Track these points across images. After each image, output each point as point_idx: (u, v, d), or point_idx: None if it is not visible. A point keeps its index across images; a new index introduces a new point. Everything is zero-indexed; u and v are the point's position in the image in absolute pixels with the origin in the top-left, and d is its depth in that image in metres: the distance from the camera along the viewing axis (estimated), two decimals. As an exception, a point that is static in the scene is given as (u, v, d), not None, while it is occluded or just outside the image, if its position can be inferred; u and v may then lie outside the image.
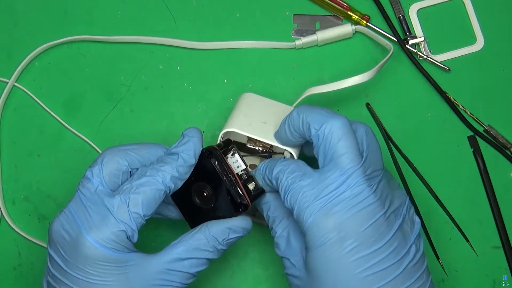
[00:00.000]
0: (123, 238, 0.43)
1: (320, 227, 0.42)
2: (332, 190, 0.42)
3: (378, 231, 0.42)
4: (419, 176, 0.57)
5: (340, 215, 0.42)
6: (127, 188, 0.44)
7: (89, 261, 0.43)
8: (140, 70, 0.60)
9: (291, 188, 0.43)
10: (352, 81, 0.53)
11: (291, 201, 0.43)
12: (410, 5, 0.60)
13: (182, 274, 0.45)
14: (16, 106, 0.60)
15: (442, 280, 0.56)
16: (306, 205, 0.42)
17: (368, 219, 0.42)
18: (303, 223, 0.42)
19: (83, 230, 0.43)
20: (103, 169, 0.45)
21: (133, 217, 0.43)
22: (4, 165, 0.59)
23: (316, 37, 0.58)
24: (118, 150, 0.46)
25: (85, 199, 0.44)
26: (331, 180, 0.42)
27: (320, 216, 0.42)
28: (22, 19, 0.61)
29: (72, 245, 0.43)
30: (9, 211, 0.58)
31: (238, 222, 0.47)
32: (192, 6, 0.61)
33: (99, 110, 0.59)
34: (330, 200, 0.42)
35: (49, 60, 0.60)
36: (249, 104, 0.53)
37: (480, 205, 0.57)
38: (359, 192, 0.42)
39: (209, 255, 0.46)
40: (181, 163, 0.45)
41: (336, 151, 0.43)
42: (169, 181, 0.44)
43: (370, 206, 0.42)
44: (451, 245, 0.56)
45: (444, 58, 0.59)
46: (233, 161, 0.48)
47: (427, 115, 0.58)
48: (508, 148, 0.58)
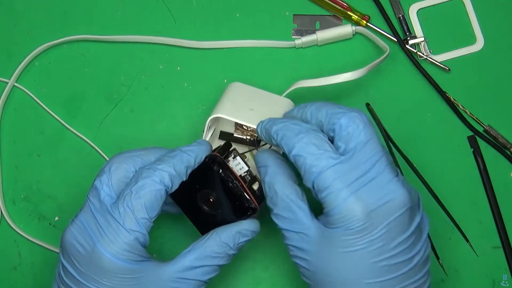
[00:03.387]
0: (137, 246, 0.44)
1: (350, 212, 0.41)
2: (360, 175, 0.41)
3: (402, 224, 0.42)
4: (419, 176, 0.57)
5: (372, 203, 0.41)
6: (128, 194, 0.44)
7: (105, 273, 0.43)
8: (140, 70, 0.60)
9: (315, 171, 0.42)
10: (343, 78, 0.52)
11: (319, 185, 0.42)
12: (410, 5, 0.60)
13: (194, 282, 0.45)
14: (16, 106, 0.60)
15: (442, 280, 0.56)
16: (336, 187, 0.41)
17: (396, 211, 0.41)
18: (330, 205, 0.41)
19: (97, 244, 0.43)
20: (112, 178, 0.45)
21: (141, 223, 0.44)
22: (4, 165, 0.59)
23: (316, 37, 0.58)
24: (125, 157, 0.46)
25: (95, 210, 0.44)
26: (360, 164, 0.42)
27: (352, 202, 0.41)
28: (22, 19, 0.61)
29: (87, 257, 0.44)
30: (9, 211, 0.58)
31: (247, 226, 0.47)
32: (192, 6, 0.61)
33: (99, 110, 0.59)
34: (362, 186, 0.41)
35: (49, 60, 0.60)
36: (237, 92, 0.53)
37: (480, 205, 0.57)
38: (388, 180, 0.42)
39: (221, 261, 0.46)
40: (178, 160, 0.45)
41: (360, 138, 0.42)
42: (167, 180, 0.44)
43: (399, 197, 0.42)
44: (451, 245, 0.56)
45: (444, 58, 0.59)
46: (235, 164, 0.48)
47: (427, 115, 0.58)
48: (508, 148, 0.58)
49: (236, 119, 0.50)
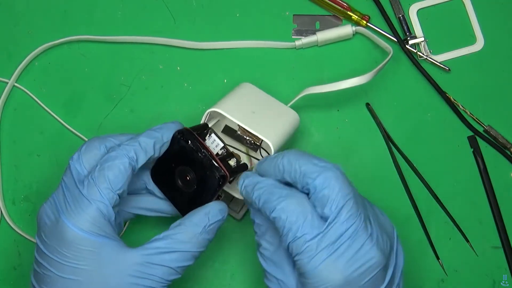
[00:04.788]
0: (100, 219, 0.44)
1: (325, 278, 0.41)
2: (336, 240, 0.42)
3: (375, 281, 0.42)
4: (419, 176, 0.57)
5: (347, 268, 0.41)
6: (93, 168, 0.45)
7: (68, 244, 0.43)
8: (140, 70, 0.60)
9: (290, 236, 0.42)
10: (350, 83, 0.53)
11: (293, 249, 0.42)
12: (410, 5, 0.60)
13: (163, 268, 0.44)
14: (16, 106, 0.60)
15: (442, 280, 0.56)
16: (311, 253, 0.42)
17: (371, 272, 0.42)
18: (304, 268, 0.42)
19: (62, 215, 0.44)
20: (82, 156, 0.46)
21: (103, 194, 0.44)
22: (4, 165, 0.59)
23: (316, 38, 0.58)
24: (97, 138, 0.48)
25: (65, 187, 0.45)
26: (336, 231, 0.42)
27: (327, 267, 0.41)
28: (22, 19, 0.61)
29: (52, 228, 0.44)
30: (9, 211, 0.58)
31: (214, 206, 0.47)
32: (192, 6, 0.61)
33: (99, 110, 0.59)
34: (336, 251, 0.42)
35: (49, 60, 0.60)
36: (245, 92, 0.53)
37: (480, 205, 0.57)
38: (362, 242, 0.42)
39: (193, 247, 0.45)
40: (145, 136, 0.46)
41: (336, 202, 0.42)
42: (132, 153, 0.45)
43: (373, 259, 0.42)
44: (451, 245, 0.56)
45: (444, 58, 0.59)
46: (211, 142, 0.49)
47: (427, 115, 0.58)
48: (508, 148, 0.58)
49: (232, 117, 0.49)
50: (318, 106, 0.58)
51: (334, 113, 0.59)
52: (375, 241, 0.42)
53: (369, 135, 0.58)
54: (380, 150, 0.58)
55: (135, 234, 0.56)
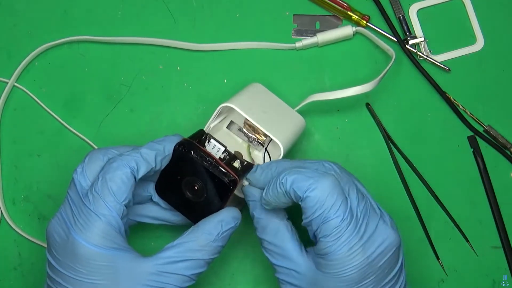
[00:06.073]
0: (111, 232, 0.44)
1: (347, 261, 0.42)
2: (356, 224, 0.43)
3: (390, 264, 0.43)
4: (419, 176, 0.57)
5: (366, 249, 0.43)
6: (96, 180, 0.45)
7: (81, 260, 0.43)
8: (140, 70, 0.60)
9: (323, 219, 0.43)
10: (354, 91, 0.53)
11: (322, 231, 0.43)
12: (410, 5, 0.60)
13: (177, 277, 0.45)
14: (16, 106, 0.60)
15: (442, 280, 0.56)
16: (339, 236, 0.42)
17: (387, 253, 0.43)
18: (330, 250, 0.43)
19: (72, 231, 0.44)
20: (86, 169, 0.46)
21: (110, 207, 0.44)
22: (4, 165, 0.59)
23: (317, 39, 0.58)
24: (100, 150, 0.47)
25: (71, 201, 0.45)
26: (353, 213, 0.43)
27: (352, 251, 0.42)
28: (22, 19, 0.61)
29: (63, 245, 0.44)
30: (9, 211, 0.58)
31: (227, 213, 0.47)
32: (192, 6, 0.61)
33: (99, 110, 0.59)
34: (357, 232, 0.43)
35: (49, 60, 0.60)
36: (256, 92, 0.53)
37: (480, 205, 0.57)
38: (375, 224, 0.43)
39: (206, 255, 0.45)
40: (147, 148, 0.46)
41: (328, 217, 0.42)
42: (133, 163, 0.45)
43: (388, 239, 0.43)
44: (451, 245, 0.56)
45: (444, 58, 0.59)
46: (211, 147, 0.48)
47: (427, 115, 0.58)
48: (508, 148, 0.58)
49: (246, 115, 0.49)
50: (318, 106, 0.58)
51: (334, 113, 0.59)
52: (388, 222, 0.44)
53: (369, 135, 0.58)
54: (380, 150, 0.58)
55: (136, 234, 0.56)
